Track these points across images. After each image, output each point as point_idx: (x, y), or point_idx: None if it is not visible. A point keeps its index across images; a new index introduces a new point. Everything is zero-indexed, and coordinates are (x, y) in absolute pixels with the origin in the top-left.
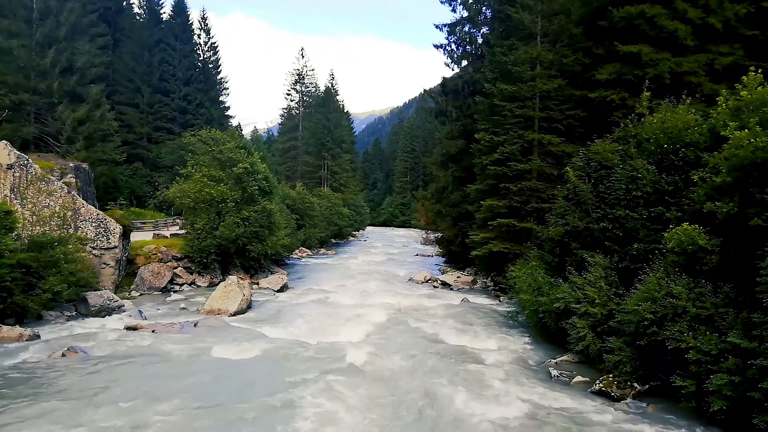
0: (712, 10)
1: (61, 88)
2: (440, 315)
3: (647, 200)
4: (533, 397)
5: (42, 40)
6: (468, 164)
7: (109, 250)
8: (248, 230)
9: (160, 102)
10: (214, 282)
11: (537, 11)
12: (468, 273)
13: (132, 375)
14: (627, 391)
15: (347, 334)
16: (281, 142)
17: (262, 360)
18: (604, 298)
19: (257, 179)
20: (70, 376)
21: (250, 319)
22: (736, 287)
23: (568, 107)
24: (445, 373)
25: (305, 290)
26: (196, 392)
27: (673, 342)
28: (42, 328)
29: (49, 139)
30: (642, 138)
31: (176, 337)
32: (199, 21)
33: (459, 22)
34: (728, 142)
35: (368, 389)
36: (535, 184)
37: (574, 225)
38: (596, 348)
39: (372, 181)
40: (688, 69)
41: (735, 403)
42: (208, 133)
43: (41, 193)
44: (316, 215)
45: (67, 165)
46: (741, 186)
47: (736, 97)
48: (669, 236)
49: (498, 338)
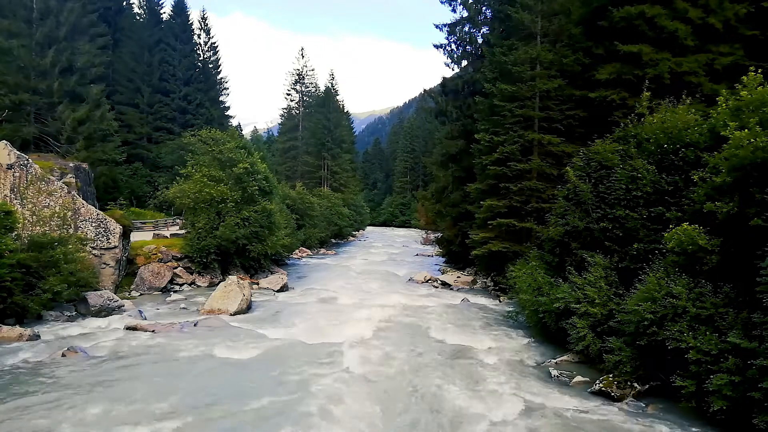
0: (712, 10)
1: (61, 88)
2: (440, 315)
3: (647, 200)
4: (533, 397)
5: (42, 40)
6: (468, 164)
7: (109, 250)
8: (248, 230)
9: (160, 102)
10: (214, 282)
11: (537, 11)
12: (468, 273)
13: (132, 375)
14: (627, 391)
15: (347, 334)
16: (281, 142)
17: (262, 360)
18: (604, 298)
19: (257, 179)
20: (70, 376)
21: (250, 319)
22: (736, 287)
23: (568, 107)
24: (445, 373)
25: (305, 290)
26: (196, 392)
27: (673, 342)
28: (42, 328)
29: (49, 139)
30: (642, 138)
31: (176, 337)
32: (199, 21)
33: (459, 22)
34: (728, 142)
35: (368, 389)
36: (535, 184)
37: (574, 225)
38: (596, 348)
39: (372, 181)
40: (688, 69)
41: (735, 403)
42: (208, 133)
43: (41, 193)
44: (316, 215)
45: (67, 165)
46: (741, 186)
47: (736, 97)
48: (669, 236)
49: (498, 338)
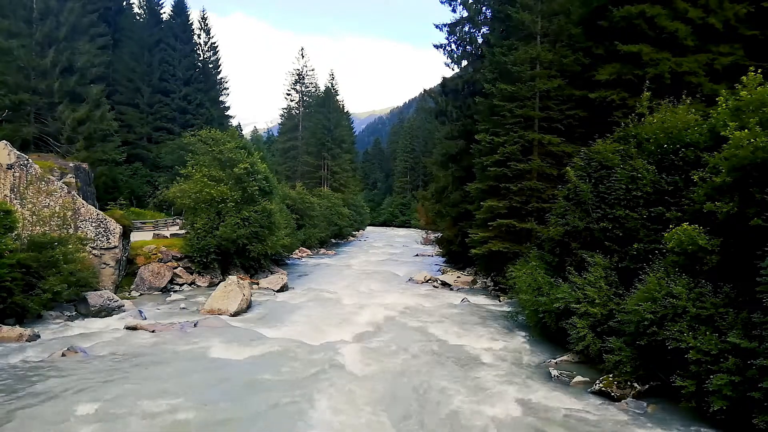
0: (712, 10)
1: (61, 88)
2: (440, 315)
3: (647, 200)
4: (533, 397)
5: (42, 40)
6: (468, 164)
7: (109, 250)
8: (248, 230)
9: (160, 102)
10: (214, 282)
11: (537, 11)
12: (468, 273)
13: (132, 375)
14: (627, 391)
15: (347, 334)
16: (281, 142)
17: (262, 360)
18: (604, 298)
19: (257, 179)
20: (70, 376)
21: (250, 319)
22: (736, 287)
23: (568, 107)
24: (444, 373)
25: (305, 290)
26: (196, 392)
27: (673, 342)
28: (42, 328)
29: (49, 139)
30: (642, 138)
31: (176, 337)
32: (199, 21)
33: (459, 22)
34: (728, 142)
35: (368, 389)
36: (535, 184)
37: (574, 225)
38: (596, 348)
39: (372, 181)
40: (688, 69)
41: (735, 403)
42: (208, 133)
43: (41, 193)
44: (316, 215)
45: (67, 165)
46: (741, 186)
47: (736, 97)
48: (669, 236)
49: (498, 338)
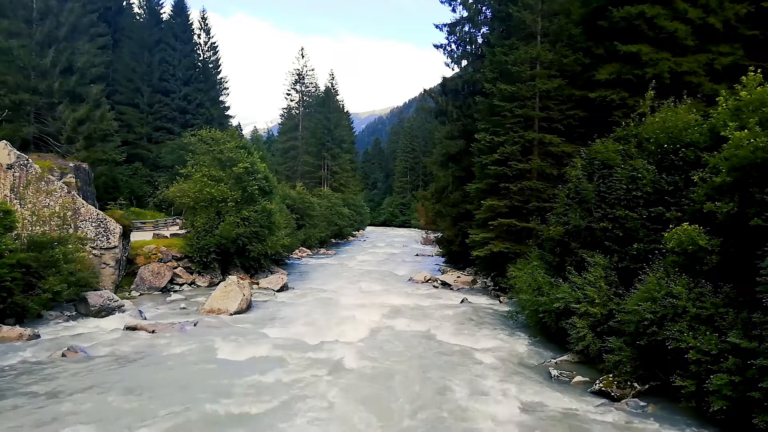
0: (712, 10)
1: (61, 88)
2: (440, 315)
3: (647, 200)
4: (533, 397)
5: (42, 40)
6: (468, 164)
7: (109, 250)
8: (248, 230)
9: (160, 102)
10: (214, 282)
11: (538, 11)
12: (468, 273)
13: (132, 375)
14: (627, 391)
15: (347, 333)
16: (281, 142)
17: (262, 360)
18: (604, 298)
19: (257, 179)
20: (70, 376)
21: (250, 319)
22: (736, 287)
23: (568, 107)
24: (444, 373)
25: (305, 290)
26: (196, 392)
27: (673, 342)
28: (42, 328)
29: (49, 139)
30: (642, 138)
31: (176, 337)
32: (199, 21)
33: (459, 22)
34: (728, 142)
35: (368, 389)
36: (536, 184)
37: (575, 224)
38: (596, 348)
39: (372, 181)
40: (688, 69)
41: (735, 403)
42: (208, 133)
43: (41, 193)
44: (316, 215)
45: (67, 165)
46: (741, 186)
47: (736, 97)
48: (669, 236)
49: (498, 338)
